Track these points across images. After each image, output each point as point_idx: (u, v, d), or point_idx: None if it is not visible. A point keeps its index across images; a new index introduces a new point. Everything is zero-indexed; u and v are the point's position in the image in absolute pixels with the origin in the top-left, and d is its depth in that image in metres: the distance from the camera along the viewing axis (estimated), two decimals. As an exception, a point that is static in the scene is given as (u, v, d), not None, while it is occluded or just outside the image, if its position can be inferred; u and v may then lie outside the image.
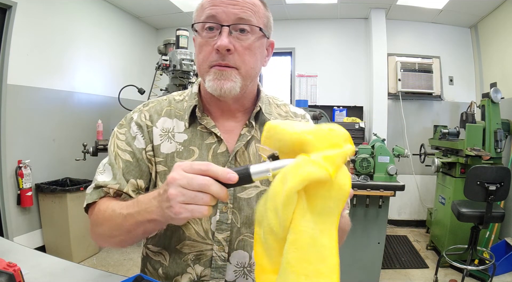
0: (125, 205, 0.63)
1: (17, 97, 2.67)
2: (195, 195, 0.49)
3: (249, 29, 0.69)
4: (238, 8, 0.67)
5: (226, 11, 0.66)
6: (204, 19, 0.68)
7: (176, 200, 0.49)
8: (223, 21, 0.67)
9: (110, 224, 0.65)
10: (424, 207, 3.98)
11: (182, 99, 0.81)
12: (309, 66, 4.25)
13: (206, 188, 0.49)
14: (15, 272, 0.59)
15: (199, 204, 0.49)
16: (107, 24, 3.70)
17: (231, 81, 0.68)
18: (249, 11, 0.68)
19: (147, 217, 0.57)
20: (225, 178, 0.49)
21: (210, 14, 0.67)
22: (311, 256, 0.47)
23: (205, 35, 0.69)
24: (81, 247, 2.84)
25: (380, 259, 2.33)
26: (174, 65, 2.73)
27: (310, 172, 0.45)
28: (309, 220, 0.47)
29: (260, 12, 0.71)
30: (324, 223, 0.48)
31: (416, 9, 3.69)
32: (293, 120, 0.86)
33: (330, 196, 0.47)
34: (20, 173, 2.64)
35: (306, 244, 0.47)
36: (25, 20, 2.68)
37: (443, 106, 4.03)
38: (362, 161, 2.31)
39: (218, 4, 0.67)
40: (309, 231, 0.47)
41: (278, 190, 0.47)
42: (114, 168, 0.73)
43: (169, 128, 0.77)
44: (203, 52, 0.70)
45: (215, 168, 0.50)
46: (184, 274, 0.74)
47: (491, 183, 2.26)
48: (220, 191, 0.49)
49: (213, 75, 0.69)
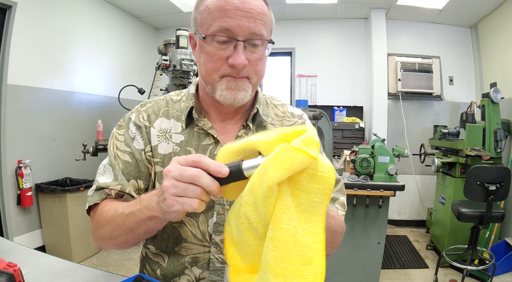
0: (128, 205, 0.63)
1: (17, 97, 2.67)
2: (186, 187, 0.48)
3: (261, 42, 0.68)
4: (252, 21, 0.65)
5: (240, 24, 0.64)
6: (216, 30, 0.65)
7: (168, 192, 0.49)
8: (238, 36, 0.65)
9: (112, 224, 0.65)
10: (424, 207, 3.98)
11: (179, 100, 0.81)
12: (309, 66, 4.25)
13: (196, 180, 0.48)
14: (15, 272, 0.59)
15: (190, 196, 0.48)
16: (107, 24, 3.70)
17: (243, 91, 0.69)
18: (261, 24, 0.66)
19: (148, 214, 0.57)
20: (215, 170, 0.48)
21: (224, 27, 0.64)
22: (292, 256, 0.43)
23: (216, 46, 0.66)
24: (81, 247, 2.83)
25: (380, 259, 2.33)
26: (174, 65, 2.73)
27: (292, 159, 0.42)
28: (291, 217, 0.44)
29: (268, 21, 0.69)
30: (308, 220, 0.44)
31: (416, 9, 3.69)
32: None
33: (314, 188, 0.44)
34: (20, 173, 2.64)
35: (286, 242, 0.43)
36: (25, 20, 2.68)
37: (443, 106, 4.03)
38: (362, 161, 2.31)
39: (231, 16, 0.64)
40: (290, 228, 0.44)
41: (257, 181, 0.45)
42: (115, 169, 0.73)
43: (167, 129, 0.77)
44: (212, 62, 0.67)
45: (207, 160, 0.49)
46: (182, 276, 0.74)
47: (491, 183, 2.26)
48: (210, 183, 0.48)
49: (226, 85, 0.68)
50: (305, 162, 0.42)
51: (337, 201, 0.78)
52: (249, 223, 0.47)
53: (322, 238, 0.45)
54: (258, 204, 0.45)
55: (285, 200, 0.44)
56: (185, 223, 0.73)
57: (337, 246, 0.73)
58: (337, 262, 2.29)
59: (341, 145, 3.67)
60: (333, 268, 2.30)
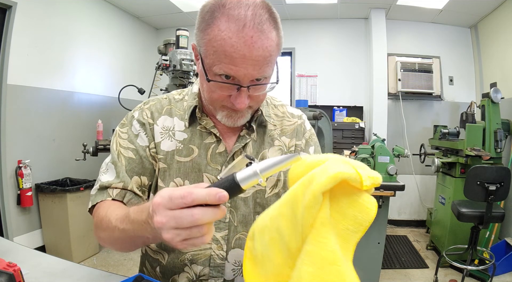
0: (120, 219, 0.60)
1: (17, 97, 2.67)
2: (190, 231, 0.44)
3: (265, 81, 0.67)
4: (257, 69, 0.61)
5: (246, 73, 0.61)
6: (221, 73, 0.62)
7: (175, 241, 0.45)
8: (242, 83, 0.63)
9: (109, 234, 0.64)
10: (424, 207, 3.98)
11: (182, 99, 0.82)
12: (309, 66, 4.25)
13: (199, 222, 0.44)
14: (15, 272, 0.59)
15: (197, 236, 0.45)
16: (107, 24, 3.70)
17: (244, 118, 0.72)
18: (267, 68, 0.64)
19: (139, 234, 0.54)
20: (215, 201, 0.43)
21: (229, 74, 0.61)
22: (329, 274, 0.39)
23: (220, 84, 0.64)
24: (81, 247, 2.83)
25: (380, 259, 2.33)
26: (174, 65, 2.73)
27: (340, 170, 0.40)
28: (331, 233, 0.41)
29: (276, 55, 0.66)
30: (345, 242, 0.41)
31: (416, 9, 3.69)
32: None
33: (351, 215, 0.41)
34: (20, 173, 2.64)
35: (324, 259, 0.40)
36: (25, 20, 2.68)
37: (443, 106, 4.03)
38: (362, 161, 2.31)
39: (237, 65, 0.60)
40: (330, 244, 0.40)
41: (299, 193, 0.42)
42: (117, 166, 0.74)
43: (170, 127, 0.78)
44: (215, 94, 0.66)
45: (200, 195, 0.44)
46: (181, 274, 0.74)
47: (491, 183, 2.26)
48: (213, 216, 0.44)
49: (227, 113, 0.70)
50: (352, 176, 0.40)
51: None
52: (280, 237, 0.44)
53: (351, 263, 0.42)
54: (297, 216, 0.42)
55: (327, 213, 0.41)
56: None
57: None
58: (337, 262, 2.28)
59: (341, 145, 3.67)
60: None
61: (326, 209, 0.41)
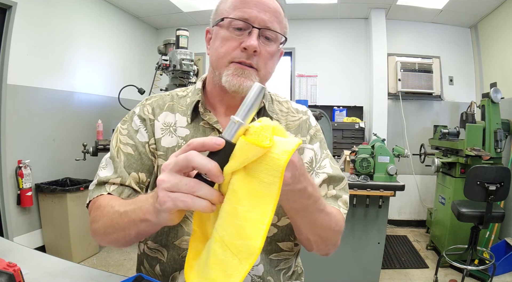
0: (124, 203, 0.62)
1: (17, 97, 2.67)
2: (179, 180, 0.44)
3: (274, 37, 0.72)
4: (268, 16, 0.70)
5: (258, 16, 0.69)
6: (235, 17, 0.70)
7: (161, 187, 0.45)
8: (254, 23, 0.69)
9: (105, 220, 0.64)
10: (424, 207, 3.98)
11: (185, 95, 0.82)
12: (309, 66, 4.25)
13: (190, 160, 0.43)
14: (15, 272, 0.58)
15: (183, 191, 0.44)
16: (107, 24, 3.70)
17: (250, 81, 0.70)
18: (276, 22, 0.72)
19: (140, 216, 0.54)
20: (211, 143, 0.43)
21: (243, 16, 0.69)
22: (230, 226, 0.43)
23: (232, 31, 0.70)
24: (81, 247, 2.83)
25: (380, 259, 2.33)
26: (174, 65, 2.73)
27: (247, 153, 0.42)
28: (240, 198, 0.43)
29: (283, 22, 0.75)
30: (258, 200, 0.43)
31: (416, 9, 3.69)
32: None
33: (263, 168, 0.42)
34: (20, 173, 2.64)
35: (228, 213, 0.43)
36: (25, 20, 2.68)
37: (443, 106, 4.03)
38: (362, 161, 2.31)
39: (251, 7, 0.70)
40: (234, 201, 0.43)
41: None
42: (115, 162, 0.74)
43: (171, 123, 0.77)
44: (225, 46, 0.71)
45: (198, 139, 0.44)
46: (182, 271, 0.74)
47: (491, 183, 2.26)
48: (206, 162, 0.43)
49: (233, 71, 0.70)
50: (259, 153, 0.42)
51: (340, 198, 0.78)
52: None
53: (268, 221, 0.42)
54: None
55: (235, 184, 0.44)
56: (188, 217, 0.73)
57: (333, 244, 0.71)
58: (337, 262, 2.29)
59: (341, 145, 3.67)
60: (333, 268, 2.29)
61: (236, 177, 0.44)
